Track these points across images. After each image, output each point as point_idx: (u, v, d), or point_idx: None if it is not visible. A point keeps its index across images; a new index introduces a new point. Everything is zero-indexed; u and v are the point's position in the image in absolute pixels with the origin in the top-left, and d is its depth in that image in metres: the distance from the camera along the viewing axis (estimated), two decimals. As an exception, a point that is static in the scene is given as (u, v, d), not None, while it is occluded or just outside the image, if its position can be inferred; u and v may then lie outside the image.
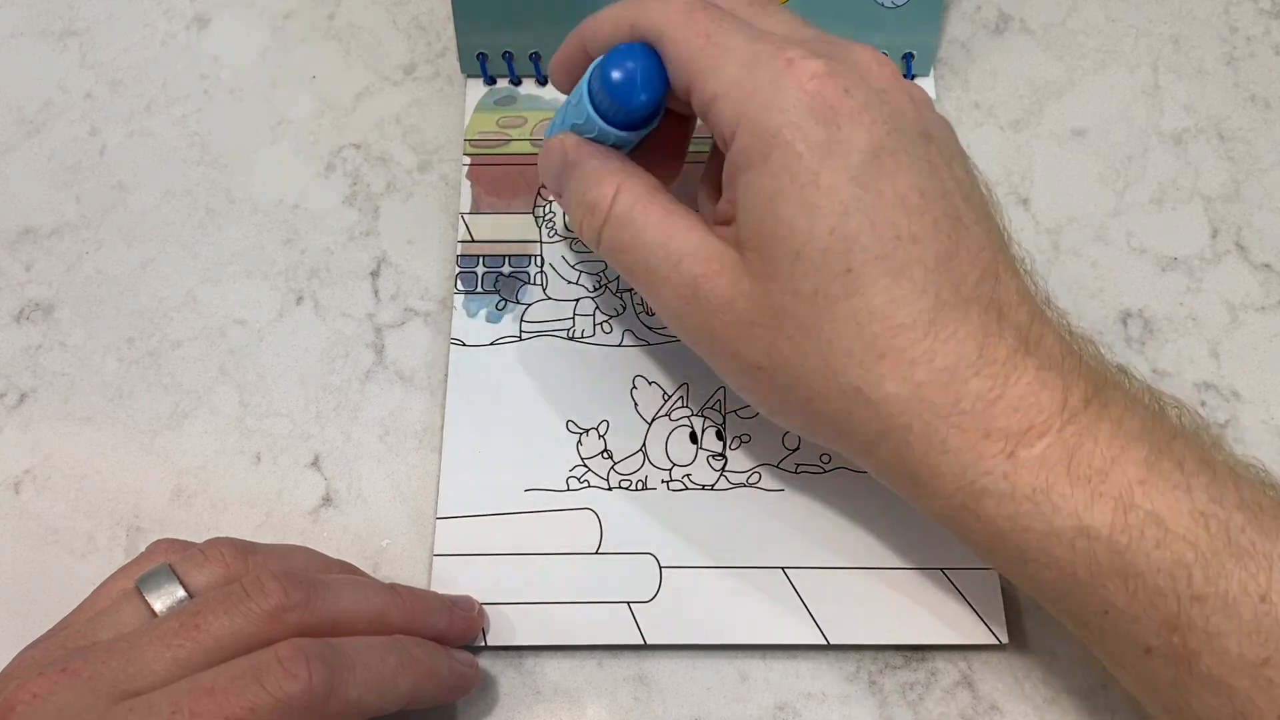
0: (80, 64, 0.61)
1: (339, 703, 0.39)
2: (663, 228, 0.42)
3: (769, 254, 0.40)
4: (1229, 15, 0.62)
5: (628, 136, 0.45)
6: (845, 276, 0.39)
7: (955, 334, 0.39)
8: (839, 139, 0.39)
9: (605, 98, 0.43)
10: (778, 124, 0.39)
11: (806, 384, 0.40)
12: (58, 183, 0.58)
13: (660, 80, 0.43)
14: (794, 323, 0.40)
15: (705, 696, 0.47)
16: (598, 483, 0.50)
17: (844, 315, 0.39)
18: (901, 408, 0.39)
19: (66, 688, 0.38)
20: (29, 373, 0.53)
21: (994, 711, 0.46)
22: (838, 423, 0.41)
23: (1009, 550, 0.39)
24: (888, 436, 0.40)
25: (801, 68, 0.40)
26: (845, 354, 0.39)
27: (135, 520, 0.50)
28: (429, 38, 0.62)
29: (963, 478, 0.39)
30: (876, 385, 0.39)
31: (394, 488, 0.51)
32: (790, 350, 0.40)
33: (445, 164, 0.58)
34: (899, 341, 0.39)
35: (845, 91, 0.40)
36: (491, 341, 0.53)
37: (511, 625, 0.47)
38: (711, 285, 0.41)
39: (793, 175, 0.39)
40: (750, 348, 0.41)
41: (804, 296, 0.39)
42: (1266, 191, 0.57)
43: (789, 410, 0.43)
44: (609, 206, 0.43)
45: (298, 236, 0.56)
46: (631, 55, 0.43)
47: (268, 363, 0.53)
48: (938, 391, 0.39)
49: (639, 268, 0.43)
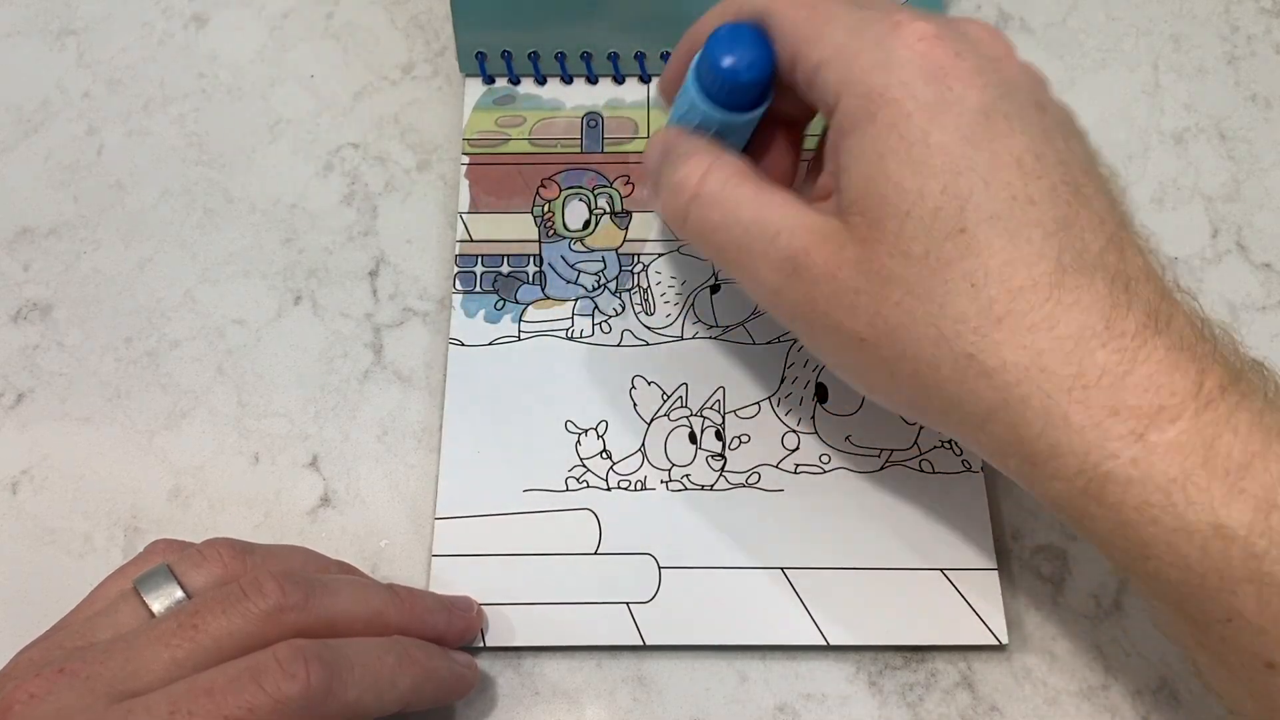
0: (78, 63, 0.61)
1: (337, 703, 0.39)
2: (757, 204, 0.41)
3: (876, 215, 0.38)
4: (1230, 14, 0.62)
5: (735, 119, 0.44)
6: (959, 237, 0.37)
7: (1078, 301, 0.36)
8: (949, 99, 0.38)
9: (711, 75, 0.43)
10: (884, 83, 0.38)
11: (915, 354, 0.38)
12: (55, 182, 0.58)
13: (766, 53, 0.42)
14: (903, 287, 0.38)
15: (704, 697, 0.46)
16: (596, 483, 0.50)
17: (958, 277, 0.37)
18: (1020, 377, 0.36)
19: (64, 688, 0.37)
20: (27, 373, 0.53)
21: (994, 712, 0.46)
22: (949, 396, 0.38)
23: (1130, 543, 0.36)
24: (1004, 409, 0.37)
25: (910, 29, 0.39)
26: (959, 319, 0.37)
27: (133, 520, 0.50)
28: (427, 37, 0.62)
29: (1086, 459, 0.36)
30: (993, 352, 0.37)
31: (392, 488, 0.51)
32: (898, 317, 0.38)
33: (444, 163, 0.58)
34: (1018, 305, 0.37)
35: (956, 54, 0.39)
36: (490, 341, 0.53)
37: (510, 626, 0.47)
38: (813, 256, 0.39)
39: (901, 134, 0.38)
40: (854, 318, 0.39)
41: (914, 259, 0.37)
42: (1267, 191, 0.57)
43: (895, 386, 0.40)
44: (697, 184, 0.42)
45: (296, 236, 0.56)
46: (736, 30, 0.43)
47: (266, 363, 0.53)
48: (1060, 361, 0.36)
49: (732, 246, 0.42)
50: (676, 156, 0.44)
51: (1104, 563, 0.48)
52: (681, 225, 0.43)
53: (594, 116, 0.58)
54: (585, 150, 0.57)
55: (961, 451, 0.50)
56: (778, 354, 0.52)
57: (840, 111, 0.40)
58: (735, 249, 0.42)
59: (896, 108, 0.38)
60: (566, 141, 0.58)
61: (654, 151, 0.46)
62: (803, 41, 0.41)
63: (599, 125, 0.58)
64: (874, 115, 0.38)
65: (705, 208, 0.42)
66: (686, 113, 0.45)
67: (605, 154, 0.57)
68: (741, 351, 0.52)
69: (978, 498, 0.49)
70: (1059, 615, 0.48)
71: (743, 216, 0.41)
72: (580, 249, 0.55)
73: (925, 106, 0.38)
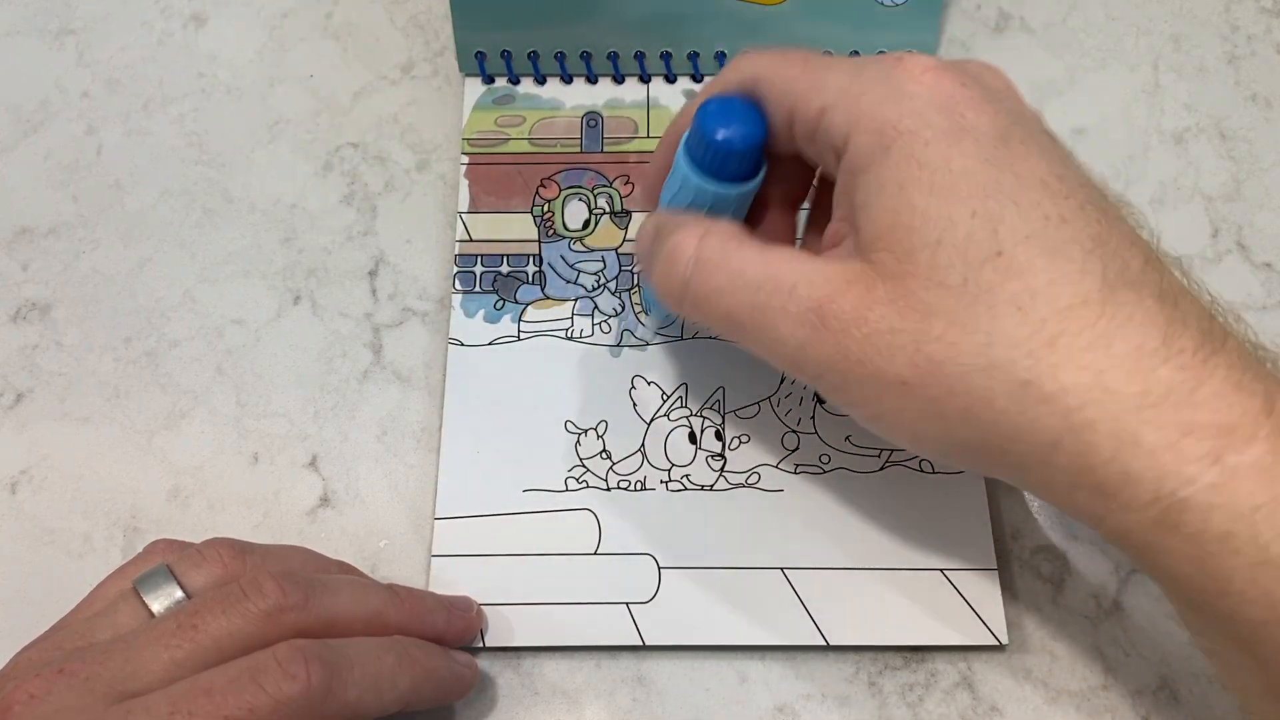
0: (77, 63, 0.61)
1: (337, 703, 0.38)
2: (764, 262, 0.39)
3: (905, 248, 0.36)
4: (1230, 14, 0.62)
5: (729, 192, 0.43)
6: (996, 260, 0.35)
7: (1131, 318, 0.35)
8: (964, 125, 0.37)
9: (704, 146, 0.42)
10: (896, 115, 0.37)
11: (965, 389, 0.36)
12: (54, 182, 0.58)
13: (759, 119, 0.42)
14: (944, 319, 0.36)
15: (704, 698, 0.46)
16: (596, 483, 0.50)
17: (1002, 302, 0.35)
18: (1083, 400, 0.34)
19: (64, 688, 0.37)
20: (26, 372, 0.53)
21: (994, 713, 0.46)
22: (1007, 430, 0.36)
23: (1208, 578, 0.34)
24: (1070, 435, 0.35)
25: (913, 63, 0.38)
26: (1010, 345, 0.35)
27: (132, 520, 0.50)
28: (427, 36, 0.62)
29: (1161, 486, 0.34)
30: (1050, 376, 0.35)
31: (392, 488, 0.51)
32: (942, 352, 0.36)
33: (443, 163, 0.58)
34: (1070, 325, 0.35)
35: (962, 84, 0.38)
36: (490, 341, 0.53)
37: (510, 626, 0.47)
38: (838, 303, 0.37)
39: (921, 162, 0.37)
40: (892, 361, 0.37)
41: (952, 288, 0.36)
42: (1267, 191, 0.57)
43: (944, 429, 0.37)
44: (695, 249, 0.41)
45: (295, 236, 0.56)
46: (725, 101, 0.42)
47: (265, 363, 0.53)
48: (1123, 379, 0.34)
49: (742, 309, 0.40)
50: (668, 231, 0.42)
51: (1103, 563, 0.48)
52: (680, 298, 0.42)
53: (594, 116, 0.58)
54: (585, 150, 0.57)
55: (961, 451, 0.50)
56: (777, 354, 0.52)
57: (852, 151, 0.38)
58: (746, 311, 0.40)
59: (912, 138, 0.37)
60: (566, 141, 0.58)
61: (644, 237, 0.44)
62: (799, 95, 0.40)
63: (599, 125, 0.58)
64: (888, 148, 0.37)
65: (707, 273, 0.40)
66: (677, 194, 0.44)
67: (605, 154, 0.57)
68: (741, 351, 0.52)
69: (978, 498, 0.49)
70: (1059, 615, 0.48)
71: (750, 276, 0.39)
72: (580, 249, 0.55)
73: (942, 134, 0.37)
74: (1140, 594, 0.48)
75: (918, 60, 0.38)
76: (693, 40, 0.58)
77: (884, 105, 0.38)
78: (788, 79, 0.41)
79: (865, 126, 0.38)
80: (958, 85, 0.38)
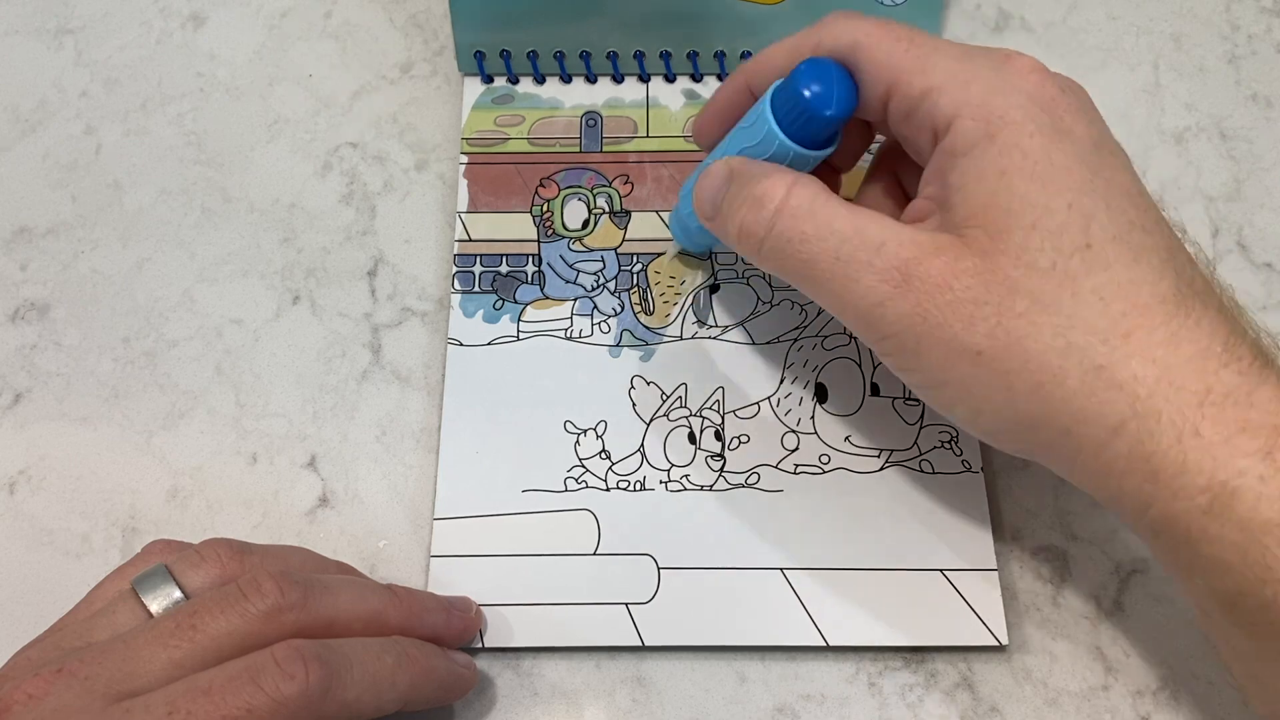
0: (75, 62, 0.61)
1: (336, 703, 0.38)
2: (852, 216, 0.41)
3: (999, 228, 0.39)
4: (1230, 13, 0.62)
5: (810, 155, 0.44)
6: (1085, 252, 0.38)
7: (1199, 323, 0.38)
8: (1063, 127, 0.40)
9: (795, 110, 0.43)
10: (1004, 105, 0.40)
11: (1040, 365, 0.38)
12: (53, 182, 0.58)
13: (853, 90, 0.43)
14: (1028, 298, 0.38)
15: (703, 698, 0.46)
16: (595, 483, 0.50)
17: (1087, 290, 0.38)
18: (1151, 390, 0.37)
19: (62, 688, 0.37)
20: (24, 373, 0.53)
21: (994, 713, 0.46)
22: (1074, 409, 0.38)
23: (1251, 564, 0.36)
24: (1134, 421, 0.37)
25: (1020, 61, 0.41)
26: (1088, 330, 0.38)
27: (131, 521, 0.50)
28: (426, 36, 0.62)
29: (1214, 476, 0.36)
30: (1123, 364, 0.37)
31: (391, 488, 0.50)
32: (1022, 328, 0.38)
33: (442, 163, 0.58)
34: (1146, 321, 0.38)
35: (1061, 90, 0.41)
36: (489, 341, 0.53)
37: (509, 626, 0.47)
38: (926, 266, 0.39)
39: (1024, 153, 0.39)
40: (971, 330, 0.39)
41: (1041, 270, 0.38)
42: (1268, 190, 0.57)
43: (1009, 401, 0.39)
44: (784, 198, 0.42)
45: (294, 236, 0.56)
46: (822, 65, 0.43)
47: (264, 363, 0.53)
48: (1189, 376, 0.37)
49: (825, 257, 0.41)
50: (752, 176, 0.43)
51: (1103, 563, 0.48)
52: (761, 241, 0.43)
53: (593, 116, 0.58)
54: (584, 150, 0.57)
55: (962, 451, 0.50)
56: (777, 354, 0.52)
57: (955, 133, 0.40)
58: (830, 260, 0.41)
59: (1018, 129, 0.39)
60: (565, 141, 0.58)
61: (715, 179, 0.45)
62: (904, 72, 0.42)
63: (598, 124, 0.58)
64: (994, 135, 0.39)
65: (794, 219, 0.42)
66: (754, 146, 0.44)
67: (604, 153, 0.57)
68: (741, 351, 0.52)
69: (978, 498, 0.49)
70: (1059, 616, 0.48)
71: (839, 227, 0.41)
72: (579, 248, 0.55)
73: (1045, 129, 0.39)
74: (1140, 595, 0.48)
75: (1025, 59, 0.41)
76: (692, 40, 0.58)
77: (993, 94, 0.40)
78: (892, 54, 0.42)
79: (973, 113, 0.40)
80: (1058, 90, 0.41)
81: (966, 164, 0.40)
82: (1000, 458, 0.50)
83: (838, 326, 0.53)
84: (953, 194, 0.40)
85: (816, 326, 0.53)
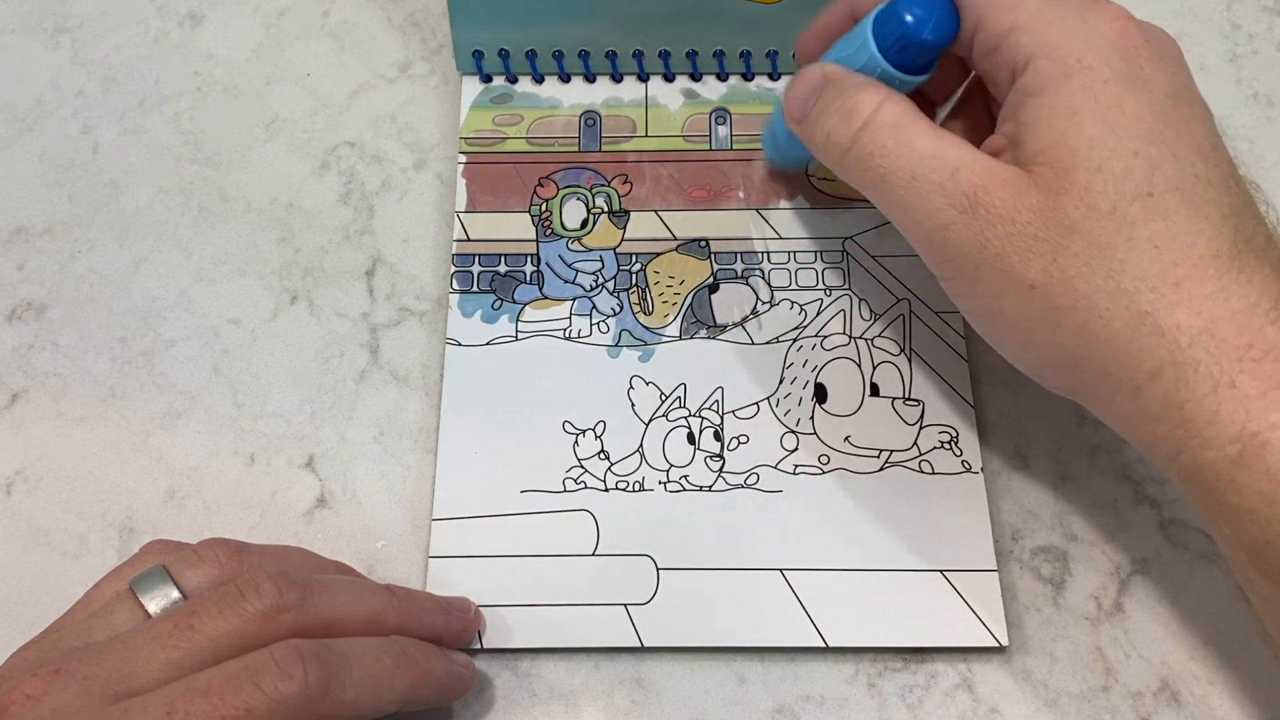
0: (72, 61, 0.61)
1: (334, 703, 0.38)
2: (934, 138, 0.42)
3: (1065, 166, 0.40)
4: (1231, 12, 0.62)
5: (906, 80, 0.45)
6: (1146, 200, 0.39)
7: (1251, 280, 0.38)
8: (1141, 76, 0.40)
9: (896, 30, 0.44)
10: (1083, 49, 0.40)
11: (1088, 305, 0.39)
12: (50, 181, 0.58)
13: (953, 17, 0.44)
14: (1085, 239, 0.39)
15: (703, 699, 0.46)
16: (594, 484, 0.49)
17: (1143, 237, 0.39)
18: (1192, 340, 0.38)
19: (61, 688, 0.37)
20: (21, 373, 0.53)
21: (994, 714, 0.46)
22: (1115, 352, 0.39)
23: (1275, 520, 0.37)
24: (1172, 368, 0.38)
25: (1108, 8, 0.42)
26: (1139, 276, 0.39)
27: (128, 521, 0.50)
28: (424, 35, 0.62)
29: (1245, 427, 0.37)
30: (1168, 313, 0.38)
31: (389, 489, 0.50)
32: (1076, 268, 0.39)
33: (441, 162, 0.58)
34: (1196, 273, 0.38)
35: (1145, 40, 0.41)
36: (487, 341, 0.52)
37: (508, 627, 0.47)
38: (993, 196, 0.40)
39: (1097, 96, 0.40)
40: (1027, 264, 0.40)
41: (1101, 213, 0.39)
42: (1269, 191, 0.57)
43: (1055, 338, 0.41)
44: (873, 111, 0.43)
45: (292, 235, 0.56)
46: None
47: (262, 363, 0.53)
48: (1233, 331, 0.38)
49: (902, 174, 0.42)
50: (846, 86, 0.44)
51: (1104, 563, 0.48)
52: (846, 150, 0.44)
53: (592, 115, 0.58)
54: (583, 149, 0.57)
55: (962, 452, 0.50)
56: (776, 354, 0.52)
57: (1031, 71, 0.41)
58: (906, 177, 0.42)
59: (1094, 73, 0.40)
60: (564, 140, 0.57)
61: (808, 83, 0.46)
62: (993, 7, 0.42)
63: (597, 124, 0.58)
64: (1069, 76, 0.40)
65: (879, 133, 0.43)
66: (852, 57, 0.45)
67: (603, 153, 0.57)
68: (740, 351, 0.52)
69: (978, 498, 0.49)
70: (1059, 617, 0.48)
71: (919, 146, 0.42)
72: (578, 248, 0.55)
73: (1121, 76, 0.40)
74: (1140, 595, 0.48)
75: (1113, 6, 0.42)
76: (691, 39, 0.58)
77: (1073, 37, 0.41)
78: None
79: (1051, 53, 0.41)
80: (1142, 39, 0.41)
81: (1039, 102, 0.41)
82: (1000, 458, 0.50)
83: (837, 326, 0.53)
84: (1023, 130, 0.41)
85: (816, 326, 0.53)
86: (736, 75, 0.59)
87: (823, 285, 0.53)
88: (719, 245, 0.54)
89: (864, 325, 0.53)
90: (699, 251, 0.55)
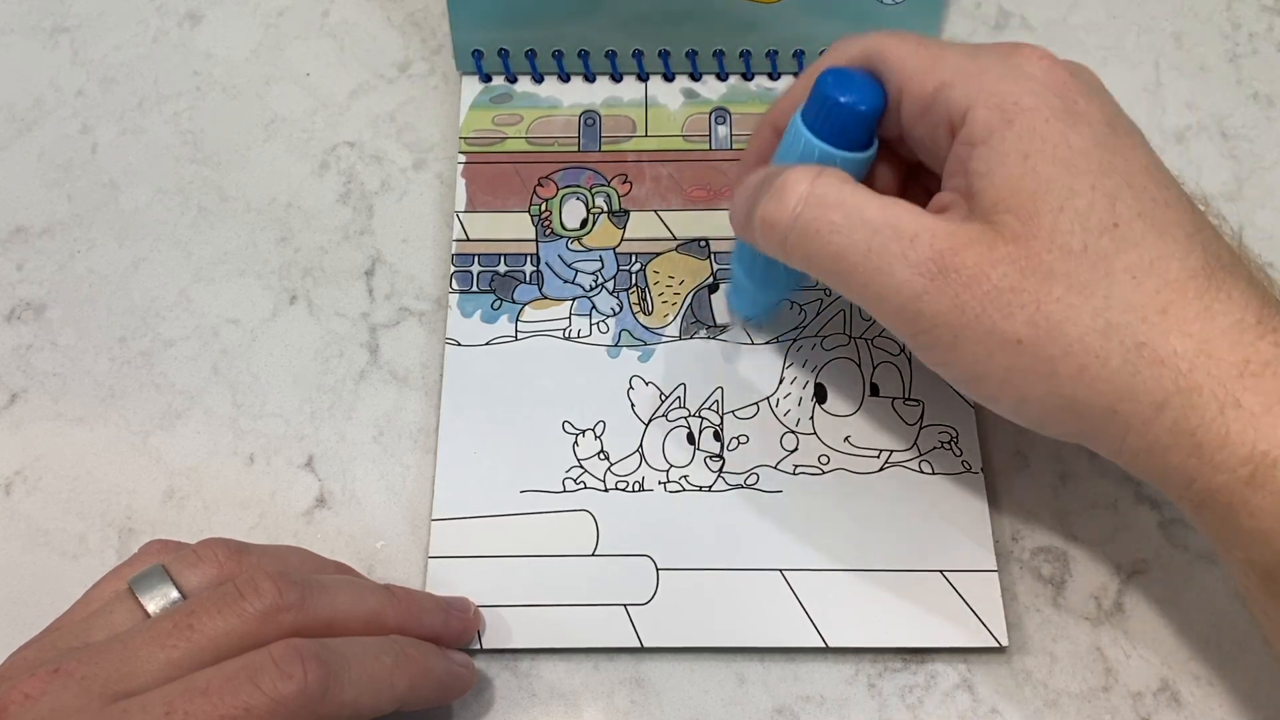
0: (71, 61, 0.61)
1: (333, 703, 0.38)
2: (882, 207, 0.40)
3: (1028, 212, 0.39)
4: (1231, 12, 0.62)
5: (850, 159, 0.43)
6: (1113, 231, 0.38)
7: (1230, 296, 0.38)
8: (1077, 110, 0.40)
9: (825, 112, 0.43)
10: (1018, 92, 0.40)
11: (1082, 348, 0.38)
12: (49, 181, 0.57)
13: (877, 88, 0.43)
14: (1065, 282, 0.38)
15: (703, 699, 0.46)
16: (594, 484, 0.49)
17: (1119, 269, 0.38)
18: (1191, 364, 0.37)
19: (60, 688, 0.37)
20: (20, 373, 0.53)
21: (994, 715, 0.46)
22: (1118, 389, 0.38)
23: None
24: (1178, 396, 0.38)
25: (1029, 50, 0.41)
26: (1126, 309, 0.38)
27: (127, 521, 0.50)
28: (424, 35, 0.62)
29: (1255, 447, 0.37)
30: (1162, 340, 0.38)
31: (388, 489, 0.50)
32: (1061, 313, 0.38)
33: (440, 162, 0.58)
34: (1179, 296, 0.38)
35: (1070, 75, 0.41)
36: (487, 341, 0.52)
37: (507, 627, 0.47)
38: (962, 257, 0.39)
39: (1043, 137, 0.39)
40: (1010, 319, 0.39)
41: (1074, 253, 0.38)
42: (1269, 190, 0.57)
43: (1053, 388, 0.39)
44: (808, 187, 0.41)
45: (291, 235, 0.56)
46: (843, 71, 0.43)
47: (261, 363, 0.53)
48: (1226, 349, 0.38)
49: (856, 250, 0.40)
50: (777, 174, 0.42)
51: (1104, 564, 0.48)
52: (787, 232, 0.42)
53: (591, 115, 0.58)
54: (583, 149, 0.57)
55: (962, 452, 0.50)
56: (776, 354, 0.52)
57: (971, 121, 0.40)
58: (860, 252, 0.40)
59: (1034, 114, 0.40)
60: (564, 140, 0.57)
61: (745, 190, 0.45)
62: (914, 72, 0.42)
63: (596, 124, 0.58)
64: (1011, 121, 0.40)
65: (821, 208, 0.41)
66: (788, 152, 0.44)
67: (603, 153, 0.57)
68: (740, 352, 0.52)
69: (978, 499, 0.49)
70: (1059, 617, 0.48)
71: (869, 217, 0.40)
72: (578, 248, 0.55)
73: (1059, 114, 0.40)
74: (1141, 595, 0.48)
75: (1033, 49, 0.42)
76: (691, 38, 0.58)
77: (1005, 82, 0.40)
78: (903, 56, 0.43)
79: (987, 101, 0.40)
80: (1068, 75, 0.41)
81: (987, 151, 0.40)
82: (1000, 458, 0.50)
83: (837, 326, 0.53)
84: (977, 181, 0.40)
85: (816, 326, 0.53)
86: (736, 75, 0.59)
87: (822, 285, 0.53)
88: (719, 245, 0.54)
89: (864, 325, 0.53)
90: (699, 251, 0.55)
